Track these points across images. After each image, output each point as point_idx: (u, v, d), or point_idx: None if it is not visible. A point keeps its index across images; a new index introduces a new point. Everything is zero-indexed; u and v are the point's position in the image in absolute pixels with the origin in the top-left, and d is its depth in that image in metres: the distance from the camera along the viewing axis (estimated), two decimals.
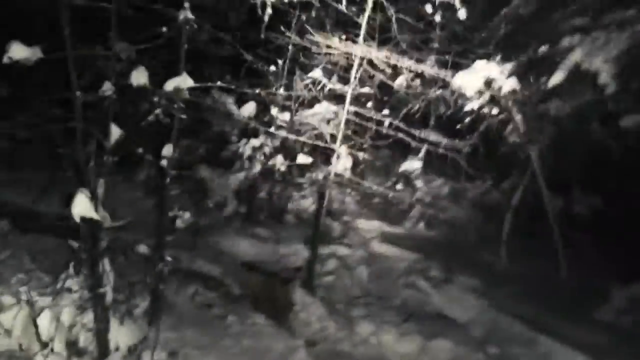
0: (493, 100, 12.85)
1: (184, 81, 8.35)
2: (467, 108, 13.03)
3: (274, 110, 14.25)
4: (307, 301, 10.51)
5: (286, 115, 14.63)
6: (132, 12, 8.04)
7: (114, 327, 8.28)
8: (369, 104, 14.87)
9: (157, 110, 8.02)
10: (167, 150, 8.58)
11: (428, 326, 10.21)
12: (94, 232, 7.85)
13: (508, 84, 12.33)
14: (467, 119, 13.44)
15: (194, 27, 8.38)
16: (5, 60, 6.92)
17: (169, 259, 8.87)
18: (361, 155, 17.22)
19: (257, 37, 12.51)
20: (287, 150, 14.97)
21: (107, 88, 7.71)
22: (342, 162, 17.15)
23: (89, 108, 7.44)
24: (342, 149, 17.22)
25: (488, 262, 13.62)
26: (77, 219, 6.05)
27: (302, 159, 14.79)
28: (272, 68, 14.17)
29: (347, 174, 16.85)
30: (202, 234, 13.04)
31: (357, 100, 14.47)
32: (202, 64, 11.37)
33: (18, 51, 7.05)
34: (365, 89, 15.44)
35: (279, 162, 14.61)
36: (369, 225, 15.46)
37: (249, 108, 14.58)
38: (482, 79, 12.43)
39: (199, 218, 13.78)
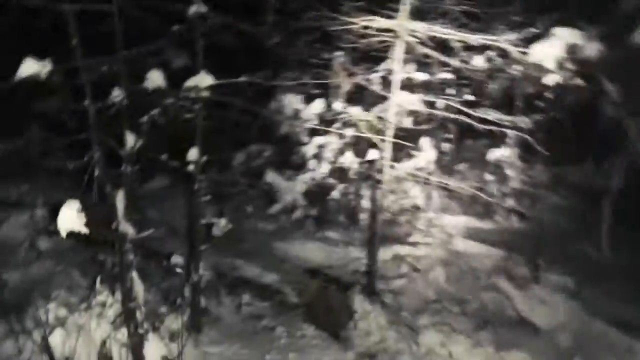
0: (578, 71, 11.23)
1: (202, 79, 7.79)
2: (550, 82, 11.46)
3: (338, 105, 13.37)
4: (367, 309, 9.58)
5: (354, 110, 13.72)
6: (139, 13, 7.57)
7: (150, 342, 7.85)
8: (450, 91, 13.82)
9: (154, 112, 7.36)
10: (193, 154, 8.03)
11: (505, 335, 9.04)
12: (119, 245, 7.49)
13: (594, 49, 10.74)
14: (551, 95, 11.85)
15: (206, 20, 7.75)
16: (16, 80, 6.68)
17: (202, 271, 8.31)
18: (446, 146, 16.25)
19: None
20: (359, 146, 14.05)
21: (117, 94, 7.28)
22: (424, 155, 16.12)
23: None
24: (424, 141, 16.23)
25: (586, 256, 12.01)
26: (64, 234, 5.54)
27: (374, 155, 13.84)
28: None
29: (431, 167, 15.90)
30: (266, 240, 12.50)
31: (432, 88, 13.44)
32: (228, 58, 10.66)
33: (28, 68, 6.77)
34: (443, 75, 14.40)
35: (349, 160, 13.73)
36: (454, 221, 14.18)
37: (317, 106, 13.91)
38: (563, 48, 10.91)
39: (265, 223, 13.37)
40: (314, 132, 14.15)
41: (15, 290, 9.19)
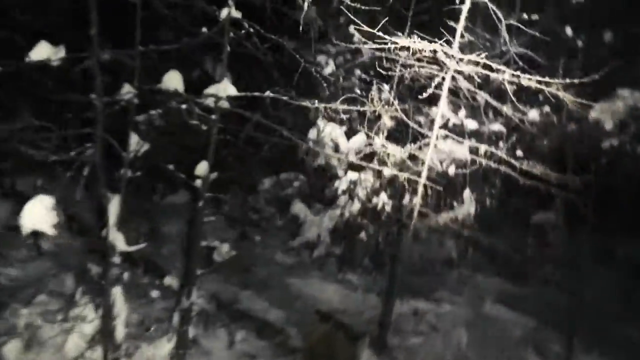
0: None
1: (224, 88, 7.17)
2: (606, 145, 10.49)
3: (379, 141, 12.59)
4: None
5: (396, 149, 12.91)
6: (165, 10, 7.06)
7: None
8: (500, 144, 12.91)
9: (154, 112, 6.74)
10: (202, 168, 7.36)
11: None
12: (106, 256, 6.86)
13: None
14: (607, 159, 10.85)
15: (239, 28, 7.14)
16: (26, 61, 6.21)
17: (196, 298, 7.55)
18: (489, 202, 15.28)
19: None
20: (395, 188, 13.21)
21: (127, 91, 6.72)
22: (464, 207, 15.16)
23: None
24: (465, 193, 15.28)
25: (629, 340, 10.76)
26: (25, 232, 4.89)
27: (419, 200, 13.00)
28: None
29: (469, 221, 14.92)
30: (282, 274, 11.71)
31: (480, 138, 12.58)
32: (254, 71, 10.00)
33: (40, 51, 6.31)
34: (496, 126, 13.58)
35: (383, 201, 12.87)
36: (486, 282, 13.14)
37: (358, 140, 13.17)
38: (626, 109, 9.98)
39: (284, 256, 12.61)
40: (349, 167, 13.42)
41: (4, 289, 8.66)
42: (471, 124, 12.55)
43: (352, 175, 12.82)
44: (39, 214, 4.86)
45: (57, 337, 6.94)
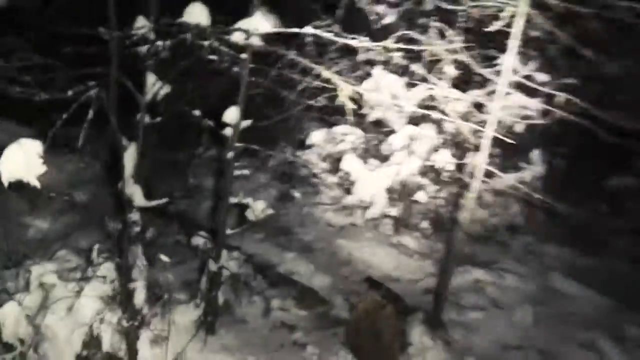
0: None
1: (256, 24, 6.15)
2: None
3: (442, 91, 11.32)
4: (427, 344, 7.69)
5: (460, 95, 11.62)
6: None
7: (148, 333, 6.44)
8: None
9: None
10: (231, 115, 6.45)
11: None
12: (123, 211, 6.11)
13: None
14: None
15: None
16: None
17: (225, 261, 6.74)
18: (559, 163, 13.96)
19: None
20: (458, 145, 12.01)
21: (142, 24, 5.80)
22: (532, 169, 13.86)
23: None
24: (534, 153, 13.99)
25: None
26: (5, 183, 4.10)
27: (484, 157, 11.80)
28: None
29: (538, 184, 13.62)
30: (331, 236, 10.82)
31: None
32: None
33: None
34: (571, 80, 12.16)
35: (444, 159, 11.70)
36: (555, 252, 11.87)
37: (419, 92, 11.95)
38: None
39: (335, 216, 11.68)
40: (408, 121, 12.29)
41: (29, 242, 8.11)
42: (542, 77, 11.16)
43: (411, 129, 11.68)
44: (18, 162, 4.02)
45: (71, 298, 6.25)
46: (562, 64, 11.29)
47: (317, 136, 12.63)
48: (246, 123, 6.60)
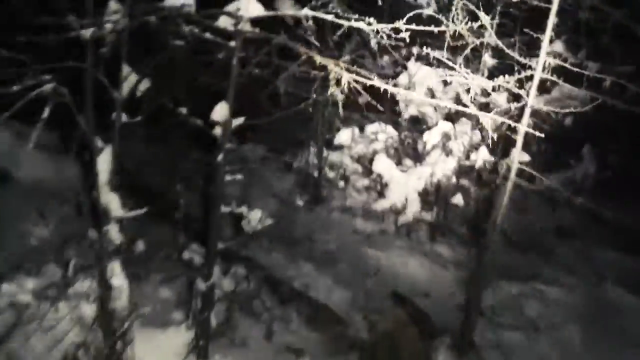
0: None
1: (247, 7, 5.37)
2: None
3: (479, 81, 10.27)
4: None
5: (500, 97, 10.56)
6: None
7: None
8: None
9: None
10: (220, 112, 5.67)
11: None
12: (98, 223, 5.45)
13: None
14: None
15: None
16: None
17: (217, 279, 5.98)
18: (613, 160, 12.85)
19: None
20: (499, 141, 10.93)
21: (115, 10, 5.11)
22: (584, 166, 12.79)
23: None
24: (585, 149, 12.90)
25: None
26: None
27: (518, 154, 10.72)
28: None
29: (588, 183, 12.53)
30: (358, 244, 9.94)
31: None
32: None
33: None
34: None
35: (483, 157, 10.65)
36: (607, 257, 10.72)
37: (456, 84, 10.94)
38: None
39: (365, 222, 10.80)
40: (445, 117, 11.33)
41: (29, 251, 7.52)
42: (593, 67, 9.99)
43: (445, 125, 10.67)
44: None
45: (49, 319, 5.62)
46: (616, 50, 10.21)
47: (346, 135, 11.78)
48: (238, 121, 5.82)
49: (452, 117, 11.23)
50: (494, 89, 7.34)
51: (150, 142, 9.21)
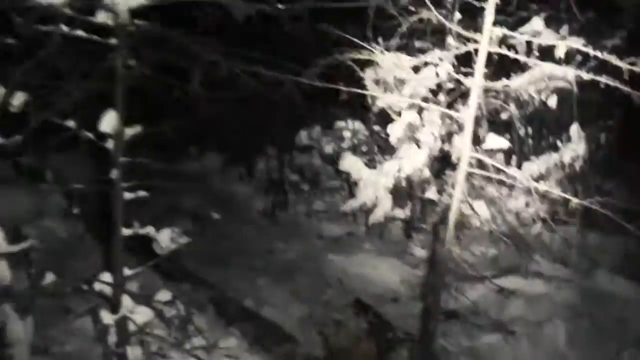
0: None
1: None
2: None
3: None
4: None
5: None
6: None
7: None
8: None
9: None
10: (109, 121, 4.95)
11: None
12: None
13: None
14: None
15: None
16: None
17: (127, 311, 5.26)
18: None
19: None
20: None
21: None
22: (573, 147, 11.91)
23: None
24: (573, 128, 12.08)
25: None
26: None
27: (494, 141, 9.93)
28: None
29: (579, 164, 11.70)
30: (323, 250, 9.20)
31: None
32: None
33: None
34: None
35: (461, 147, 9.81)
36: (603, 242, 9.85)
37: (429, 74, 10.14)
38: None
39: (334, 226, 10.06)
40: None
41: None
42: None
43: (409, 115, 9.84)
44: None
45: None
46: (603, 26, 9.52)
47: (310, 135, 11.05)
48: (132, 131, 5.09)
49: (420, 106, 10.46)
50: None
51: None
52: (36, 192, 8.97)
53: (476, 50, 6.22)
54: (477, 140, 10.03)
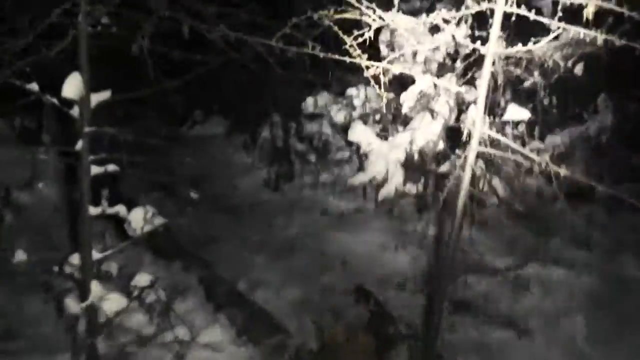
0: None
1: None
2: None
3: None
4: None
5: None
6: None
7: None
8: None
9: None
10: (72, 85, 4.36)
11: None
12: None
13: None
14: None
15: None
16: None
17: (95, 298, 4.75)
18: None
19: None
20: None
21: None
22: (600, 117, 11.29)
23: None
24: (601, 99, 11.46)
25: None
26: None
27: (515, 112, 9.25)
28: None
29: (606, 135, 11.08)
30: (326, 227, 8.63)
31: None
32: None
33: None
34: None
35: (474, 119, 9.10)
36: (630, 222, 9.12)
37: (443, 40, 9.37)
38: None
39: (340, 201, 9.46)
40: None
41: None
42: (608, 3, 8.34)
43: (423, 83, 9.11)
44: None
45: None
46: None
47: (318, 102, 10.36)
48: (102, 96, 4.50)
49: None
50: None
51: None
52: (32, 155, 8.53)
53: (492, 11, 5.44)
54: (494, 112, 9.37)
